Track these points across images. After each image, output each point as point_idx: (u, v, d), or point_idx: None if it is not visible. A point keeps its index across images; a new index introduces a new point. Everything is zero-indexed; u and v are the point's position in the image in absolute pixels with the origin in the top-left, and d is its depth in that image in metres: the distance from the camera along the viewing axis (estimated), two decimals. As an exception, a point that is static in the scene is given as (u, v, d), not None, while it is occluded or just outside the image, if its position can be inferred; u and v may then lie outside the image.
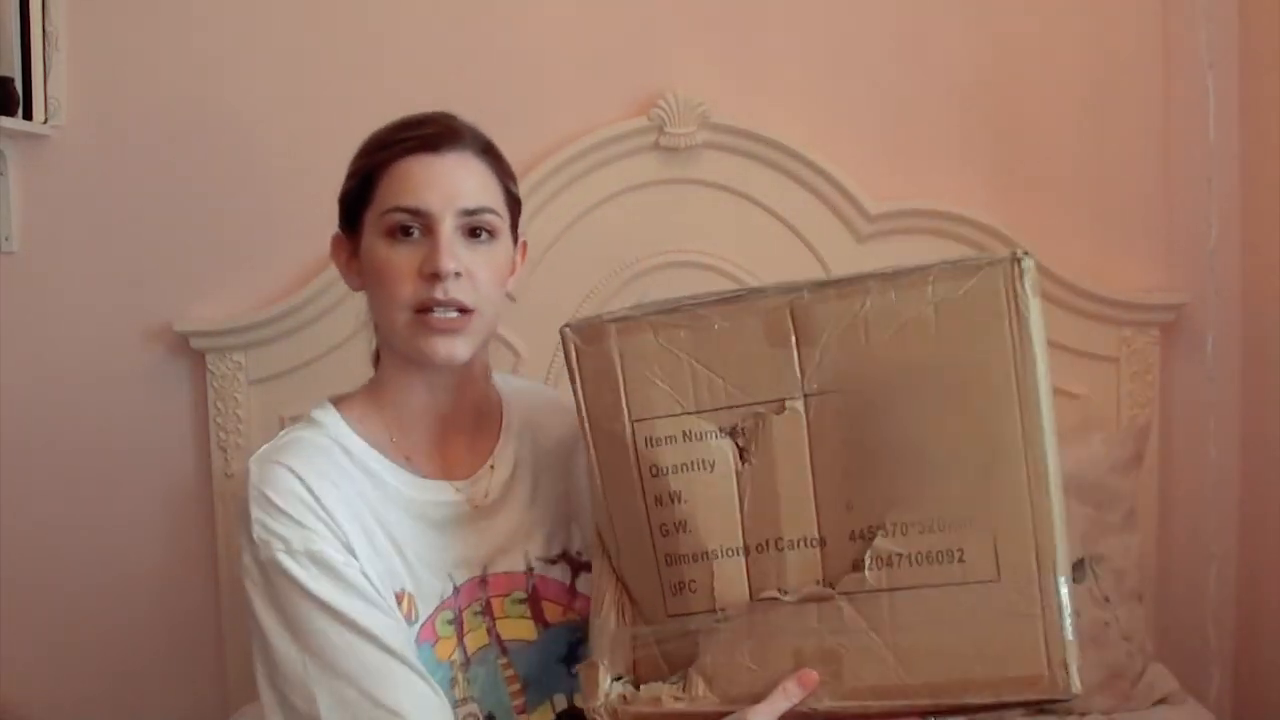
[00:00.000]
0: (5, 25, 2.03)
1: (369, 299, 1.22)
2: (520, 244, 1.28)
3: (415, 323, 1.16)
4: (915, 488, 1.00)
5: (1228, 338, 2.15)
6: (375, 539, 1.15)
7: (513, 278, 1.26)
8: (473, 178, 1.19)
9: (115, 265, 2.14)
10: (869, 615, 1.00)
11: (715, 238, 2.10)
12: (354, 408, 1.23)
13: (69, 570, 2.17)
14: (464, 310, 1.16)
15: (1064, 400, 2.02)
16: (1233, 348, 2.16)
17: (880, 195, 2.10)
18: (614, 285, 2.10)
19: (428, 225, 1.16)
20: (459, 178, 1.18)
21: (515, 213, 1.26)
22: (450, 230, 1.16)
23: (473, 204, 1.18)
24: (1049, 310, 2.13)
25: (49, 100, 2.10)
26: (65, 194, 2.14)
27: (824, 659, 1.01)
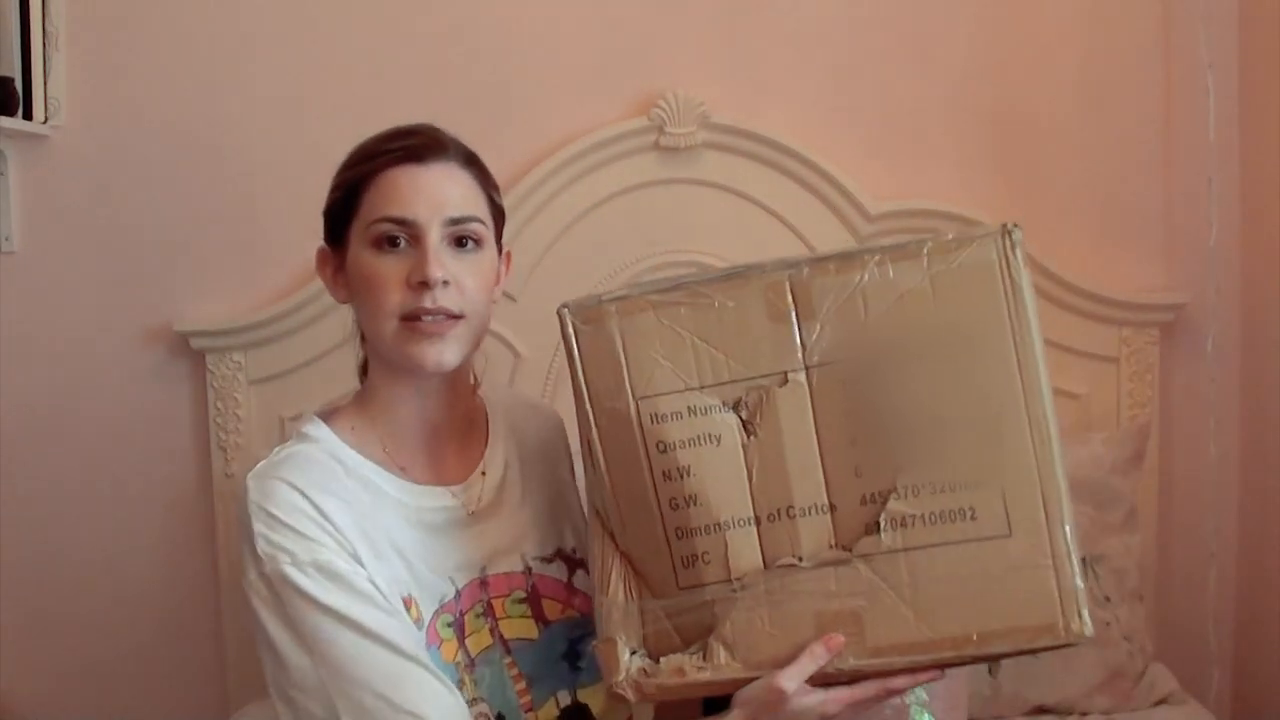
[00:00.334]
0: (5, 25, 2.03)
1: (356, 311, 1.23)
2: (505, 254, 1.28)
3: (403, 330, 1.16)
4: (923, 451, 1.04)
5: (1228, 338, 2.15)
6: (378, 546, 1.15)
7: (498, 287, 1.26)
8: (458, 187, 1.20)
9: (115, 265, 2.14)
10: (886, 575, 1.04)
11: (715, 238, 2.10)
12: (344, 420, 1.23)
13: (69, 570, 2.18)
14: (451, 316, 1.17)
15: (1064, 400, 2.02)
16: (1233, 348, 2.16)
17: (880, 195, 2.10)
18: (614, 285, 2.10)
19: (414, 235, 1.17)
20: (444, 187, 1.19)
21: (499, 222, 1.26)
22: (437, 239, 1.17)
23: (458, 213, 1.18)
24: (1049, 311, 2.15)
25: (49, 100, 2.10)
26: (65, 194, 2.14)
27: (845, 620, 1.04)
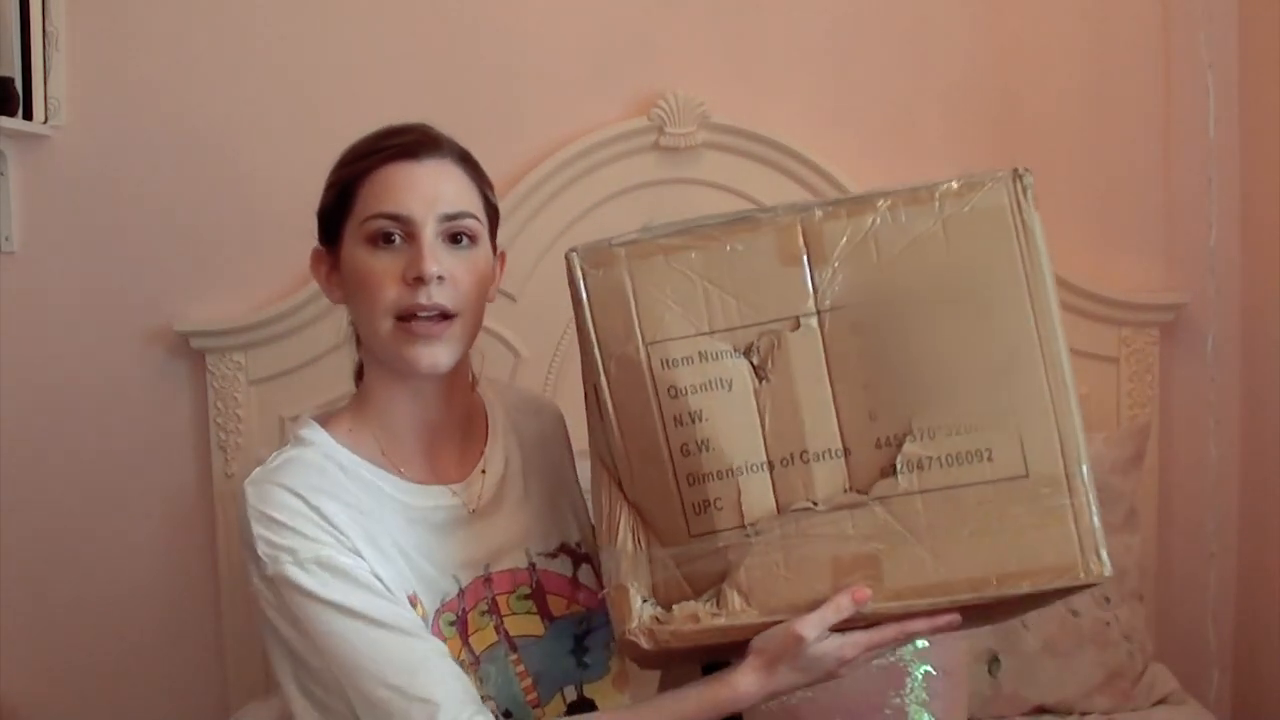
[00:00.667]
0: (5, 25, 2.03)
1: (351, 310, 1.22)
2: (499, 254, 1.28)
3: (398, 331, 1.16)
4: (939, 393, 1.04)
5: (1228, 338, 2.15)
6: (381, 546, 1.15)
7: (493, 288, 1.26)
8: (452, 183, 1.20)
9: (115, 265, 2.14)
10: (904, 518, 1.04)
11: (715, 238, 2.10)
12: (341, 423, 1.23)
13: (69, 570, 2.17)
14: (446, 316, 1.16)
15: (1064, 400, 2.02)
16: (1233, 348, 2.16)
17: (880, 195, 2.10)
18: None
19: (409, 231, 1.16)
20: (439, 183, 1.18)
21: (494, 220, 1.26)
22: (432, 235, 1.16)
23: (453, 209, 1.18)
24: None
25: (49, 100, 2.09)
26: (65, 194, 2.14)
27: (863, 564, 1.04)
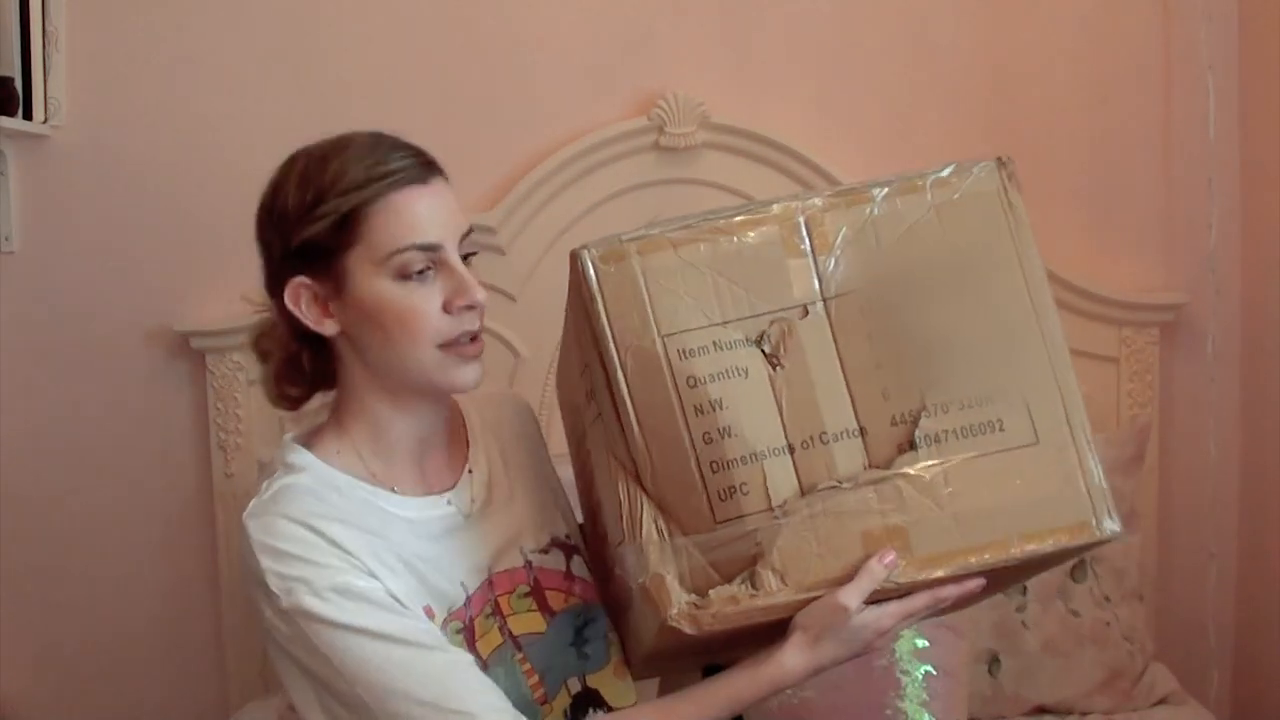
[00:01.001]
0: (5, 25, 2.03)
1: (367, 342, 1.16)
2: None
3: (445, 357, 1.15)
4: (947, 370, 1.09)
5: (1228, 338, 2.15)
6: (389, 562, 1.13)
7: None
8: (454, 201, 1.18)
9: (115, 265, 2.14)
10: (927, 490, 1.08)
11: (715, 238, 2.10)
12: (326, 445, 1.20)
13: (69, 570, 2.18)
14: (482, 333, 1.17)
15: (1064, 400, 2.02)
16: (1233, 348, 2.16)
17: (880, 195, 2.10)
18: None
19: (439, 259, 1.15)
20: (450, 204, 1.17)
21: None
22: (458, 259, 1.16)
23: (463, 227, 1.18)
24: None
25: (49, 100, 2.09)
26: (65, 194, 2.14)
27: (892, 536, 1.08)
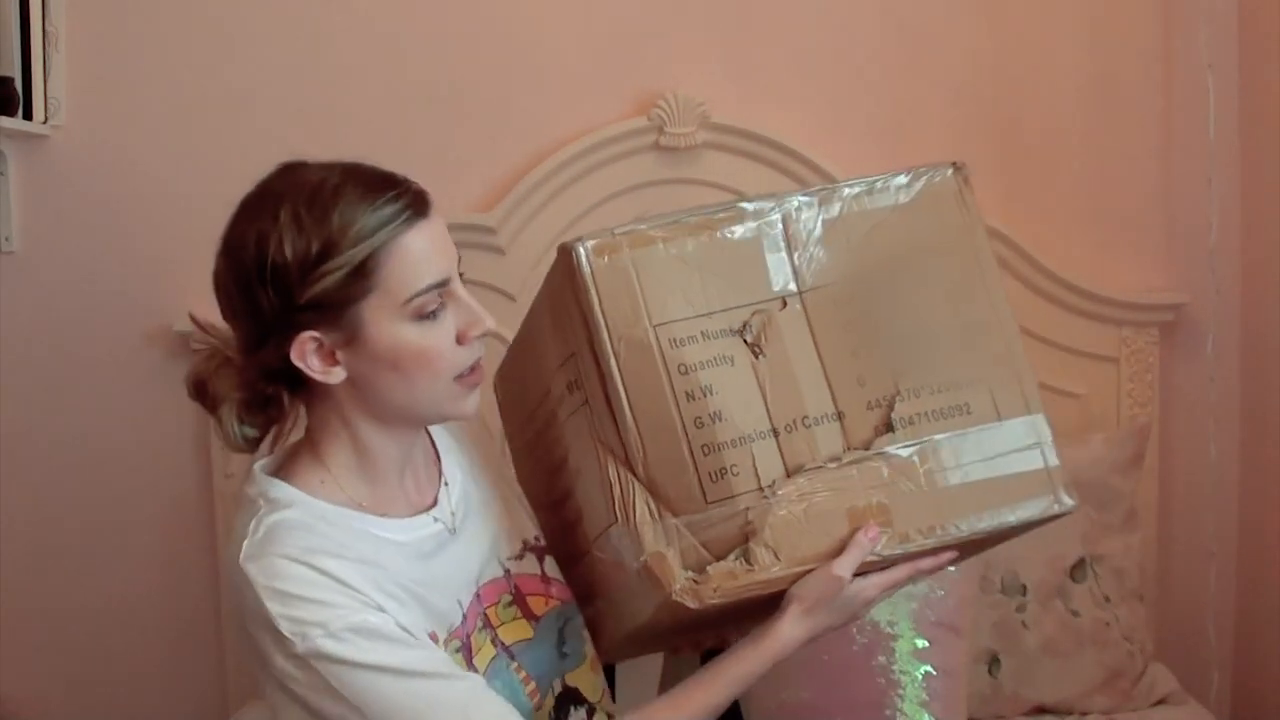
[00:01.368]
0: (5, 25, 2.03)
1: (379, 385, 1.14)
2: None
3: (458, 388, 1.16)
4: (917, 357, 1.19)
5: (1228, 338, 2.15)
6: (392, 593, 1.12)
7: None
8: (444, 225, 1.17)
9: (115, 265, 2.14)
10: (904, 469, 1.17)
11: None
12: (303, 476, 1.18)
13: (69, 570, 2.18)
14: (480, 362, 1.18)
15: (1064, 400, 2.02)
16: (1233, 348, 2.16)
17: (880, 195, 2.10)
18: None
19: (448, 292, 1.14)
20: (445, 232, 1.16)
21: None
22: (463, 288, 1.16)
23: (457, 252, 1.17)
24: (1049, 310, 2.15)
25: (49, 100, 2.09)
26: (65, 194, 2.14)
27: (875, 512, 1.16)
